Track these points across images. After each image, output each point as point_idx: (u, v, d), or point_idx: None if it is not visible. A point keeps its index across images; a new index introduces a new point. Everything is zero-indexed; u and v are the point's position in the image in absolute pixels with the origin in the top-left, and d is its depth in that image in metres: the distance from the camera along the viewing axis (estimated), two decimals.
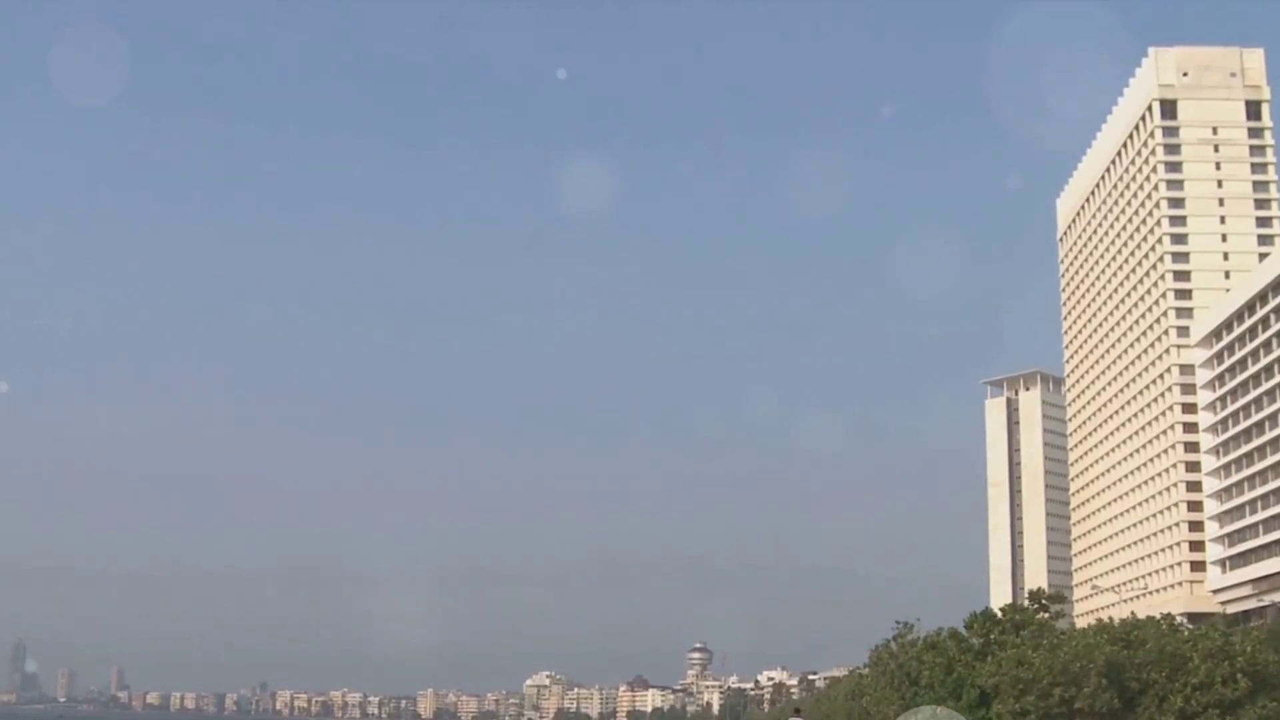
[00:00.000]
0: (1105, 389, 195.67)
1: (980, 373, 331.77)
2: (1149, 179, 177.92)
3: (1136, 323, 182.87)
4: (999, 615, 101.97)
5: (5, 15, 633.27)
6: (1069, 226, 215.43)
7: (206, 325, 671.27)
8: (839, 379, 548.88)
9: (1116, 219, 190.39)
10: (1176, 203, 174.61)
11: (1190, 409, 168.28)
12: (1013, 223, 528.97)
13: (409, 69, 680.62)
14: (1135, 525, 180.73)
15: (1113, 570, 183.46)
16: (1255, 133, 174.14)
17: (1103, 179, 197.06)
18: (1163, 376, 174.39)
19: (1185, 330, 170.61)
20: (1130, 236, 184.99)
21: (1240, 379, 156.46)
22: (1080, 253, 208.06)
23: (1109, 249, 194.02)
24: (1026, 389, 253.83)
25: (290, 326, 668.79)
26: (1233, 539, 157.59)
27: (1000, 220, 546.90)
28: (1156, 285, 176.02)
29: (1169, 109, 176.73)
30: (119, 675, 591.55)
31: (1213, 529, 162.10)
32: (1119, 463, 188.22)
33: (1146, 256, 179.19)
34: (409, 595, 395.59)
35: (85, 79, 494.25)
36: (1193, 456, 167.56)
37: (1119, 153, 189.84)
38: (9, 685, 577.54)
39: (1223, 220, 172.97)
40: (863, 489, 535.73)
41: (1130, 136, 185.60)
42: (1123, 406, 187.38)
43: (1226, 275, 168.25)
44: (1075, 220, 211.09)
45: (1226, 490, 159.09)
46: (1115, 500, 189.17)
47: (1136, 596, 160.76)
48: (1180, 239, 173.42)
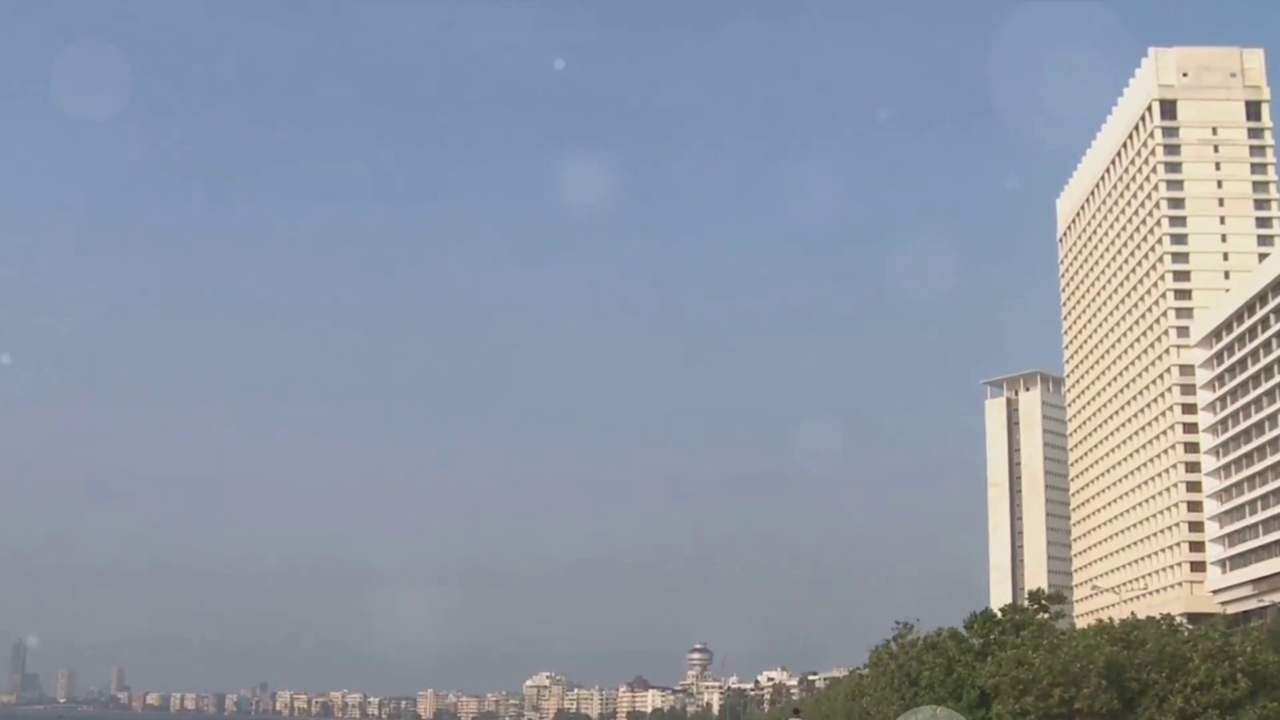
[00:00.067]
0: (1105, 389, 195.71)
1: (980, 373, 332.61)
2: (1149, 179, 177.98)
3: (1136, 323, 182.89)
4: (999, 615, 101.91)
5: (6, 20, 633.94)
6: (1069, 227, 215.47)
7: (207, 325, 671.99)
8: (839, 379, 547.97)
9: (1116, 219, 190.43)
10: (1176, 203, 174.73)
11: (1190, 409, 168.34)
12: (1012, 223, 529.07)
13: (409, 69, 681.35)
14: (1135, 525, 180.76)
15: (1113, 570, 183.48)
16: (1255, 133, 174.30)
17: (1102, 179, 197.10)
18: (1163, 377, 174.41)
19: (1185, 330, 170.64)
20: (1130, 237, 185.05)
21: (1240, 379, 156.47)
22: (1080, 253, 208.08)
23: (1109, 249, 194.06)
24: (1026, 389, 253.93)
25: (290, 326, 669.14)
26: (1233, 539, 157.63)
27: (1000, 221, 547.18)
28: (1156, 285, 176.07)
29: (1169, 109, 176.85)
30: (119, 675, 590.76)
31: (1213, 529, 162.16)
32: (1119, 463, 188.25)
33: (1146, 257, 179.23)
34: (409, 595, 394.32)
35: (85, 79, 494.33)
36: (1193, 457, 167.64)
37: (1119, 153, 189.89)
38: (9, 686, 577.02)
39: (1222, 220, 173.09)
40: (862, 489, 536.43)
41: (1130, 137, 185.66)
42: (1123, 407, 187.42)
43: (1226, 275, 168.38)
44: (1075, 220, 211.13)
45: (1226, 490, 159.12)
46: (1115, 500, 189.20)
47: (1136, 597, 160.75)
48: (1180, 239, 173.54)
